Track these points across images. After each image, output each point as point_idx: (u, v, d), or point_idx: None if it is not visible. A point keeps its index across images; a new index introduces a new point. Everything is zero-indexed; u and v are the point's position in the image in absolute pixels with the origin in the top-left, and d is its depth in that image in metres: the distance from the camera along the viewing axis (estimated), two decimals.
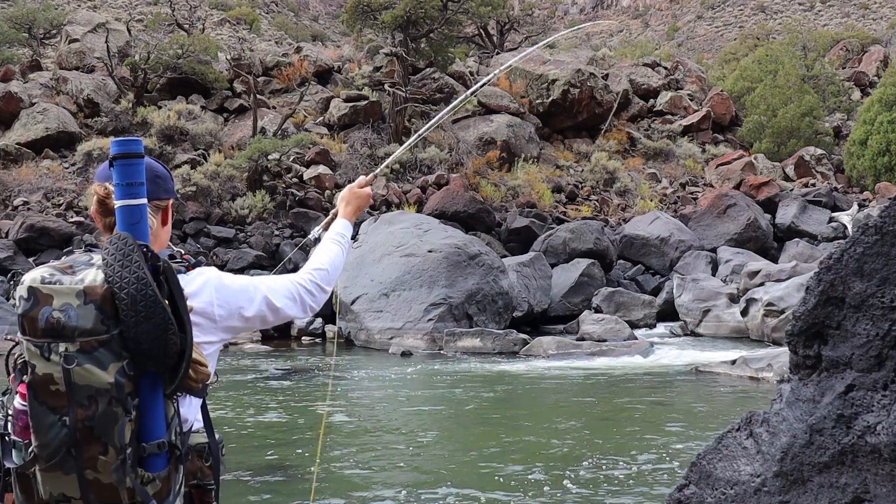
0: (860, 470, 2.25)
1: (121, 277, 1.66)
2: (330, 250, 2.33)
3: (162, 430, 1.73)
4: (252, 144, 23.77)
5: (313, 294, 2.21)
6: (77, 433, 1.64)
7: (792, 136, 31.17)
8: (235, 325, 2.04)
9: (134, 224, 1.79)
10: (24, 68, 29.74)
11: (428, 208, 22.11)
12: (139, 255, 1.69)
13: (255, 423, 9.03)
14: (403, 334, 15.46)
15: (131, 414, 1.67)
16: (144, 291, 1.65)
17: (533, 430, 8.49)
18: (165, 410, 1.74)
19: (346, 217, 2.48)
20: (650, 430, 8.38)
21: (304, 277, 2.22)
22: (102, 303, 1.66)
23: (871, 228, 2.28)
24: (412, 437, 8.44)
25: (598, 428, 8.57)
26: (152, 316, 1.65)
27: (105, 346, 1.65)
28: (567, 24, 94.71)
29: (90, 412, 1.64)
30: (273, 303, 2.10)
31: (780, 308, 14.50)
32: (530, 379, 11.87)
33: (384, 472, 6.99)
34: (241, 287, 2.07)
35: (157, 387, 1.72)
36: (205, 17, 49.21)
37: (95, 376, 1.64)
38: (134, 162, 1.82)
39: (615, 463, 7.04)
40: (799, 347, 2.46)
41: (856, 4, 78.67)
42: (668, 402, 10.18)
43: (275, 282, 2.16)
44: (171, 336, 1.67)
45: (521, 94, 29.57)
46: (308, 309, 2.20)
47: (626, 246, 21.65)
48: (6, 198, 22.54)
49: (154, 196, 2.00)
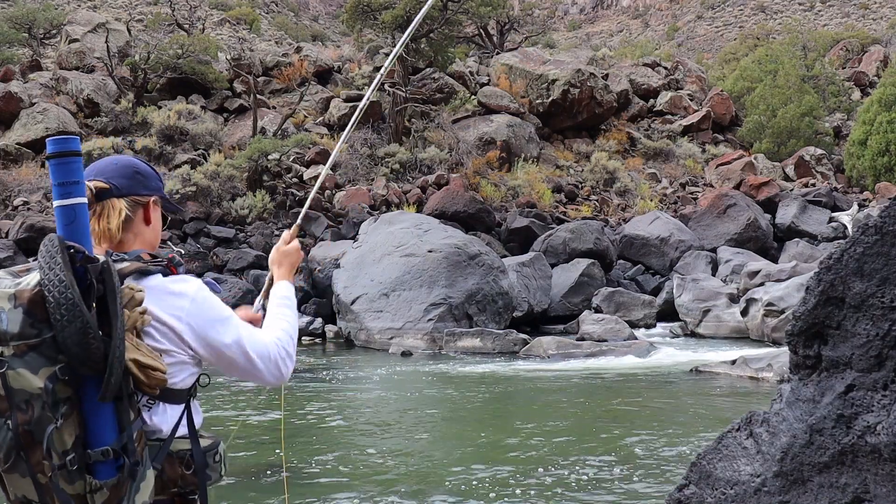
0: (860, 470, 2.25)
1: (48, 280, 1.64)
2: (283, 315, 2.12)
3: (108, 438, 1.69)
4: (252, 144, 23.77)
5: (286, 360, 2.00)
6: (20, 437, 1.62)
7: (792, 136, 31.17)
8: (199, 350, 1.88)
9: (68, 225, 1.73)
10: (24, 68, 29.75)
11: (428, 208, 22.12)
12: (63, 256, 1.66)
13: (255, 423, 9.03)
14: (403, 334, 15.46)
15: (57, 421, 1.63)
16: (64, 294, 1.62)
17: (533, 430, 8.48)
18: (119, 417, 1.70)
19: (285, 278, 2.28)
20: (650, 430, 8.38)
21: (275, 342, 2.01)
22: (30, 306, 1.64)
23: (871, 228, 2.28)
24: (411, 437, 8.44)
25: (598, 428, 8.57)
26: (73, 319, 1.61)
27: (35, 350, 1.63)
28: (567, 25, 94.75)
29: (28, 416, 1.62)
30: (246, 348, 1.91)
31: (780, 308, 14.50)
32: (530, 379, 11.87)
33: (383, 472, 6.98)
34: (220, 315, 1.90)
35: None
36: (205, 17, 49.23)
37: (27, 380, 1.61)
38: (68, 161, 1.75)
39: (615, 463, 7.04)
40: (799, 347, 2.46)
41: (856, 4, 78.68)
42: (668, 402, 10.18)
43: (256, 331, 1.99)
44: (92, 340, 1.63)
45: (521, 94, 29.58)
46: (281, 373, 1.98)
47: (626, 246, 21.65)
48: (6, 198, 22.54)
49: (132, 192, 1.97)
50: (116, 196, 1.95)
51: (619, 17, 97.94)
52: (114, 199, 1.94)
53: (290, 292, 2.21)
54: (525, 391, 11.06)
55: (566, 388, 11.17)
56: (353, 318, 16.23)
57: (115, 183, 1.96)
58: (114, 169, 1.99)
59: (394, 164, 25.59)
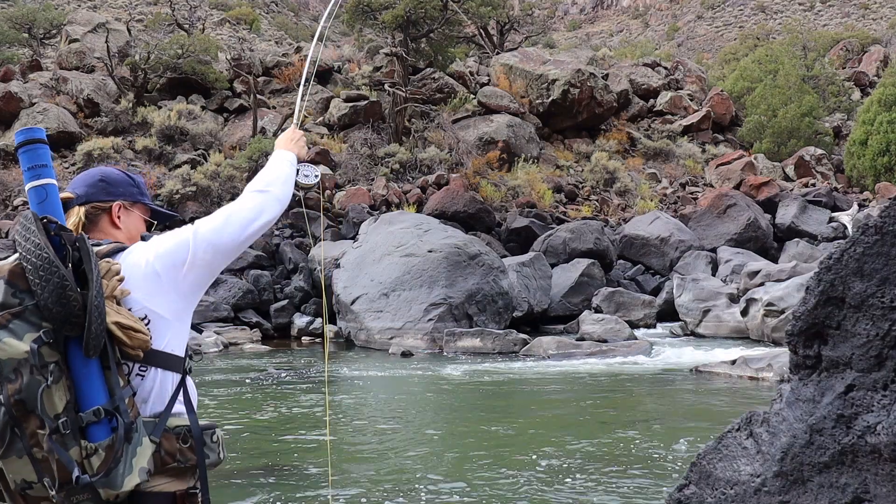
0: (860, 470, 2.25)
1: (25, 250, 1.74)
2: (263, 171, 2.25)
3: (99, 398, 1.74)
4: (252, 144, 23.78)
5: (264, 191, 2.13)
6: (12, 409, 1.67)
7: (792, 136, 31.17)
8: (187, 278, 1.95)
9: (40, 203, 1.85)
10: (24, 68, 29.75)
11: (428, 208, 22.12)
12: (37, 224, 1.77)
13: (254, 423, 9.03)
14: (403, 334, 15.46)
15: (48, 380, 1.68)
16: (40, 255, 1.72)
17: (532, 430, 8.49)
18: (107, 381, 1.76)
19: (284, 147, 2.41)
20: (650, 429, 8.38)
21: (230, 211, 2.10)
22: (11, 277, 1.74)
23: (871, 228, 2.28)
24: (411, 436, 8.44)
25: (598, 428, 8.57)
26: (50, 276, 1.70)
27: (19, 318, 1.71)
28: (567, 25, 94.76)
29: (17, 385, 1.67)
30: (202, 233, 1.99)
31: (780, 308, 14.50)
32: (530, 379, 11.87)
33: (382, 471, 6.98)
34: (178, 238, 1.98)
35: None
36: (205, 17, 49.23)
37: (13, 348, 1.68)
38: (35, 147, 1.89)
39: (615, 462, 7.04)
40: (799, 347, 2.46)
41: (856, 4, 78.67)
42: (668, 402, 10.18)
43: (208, 218, 2.06)
44: (70, 293, 1.70)
45: (521, 94, 29.57)
46: (245, 230, 2.05)
47: (626, 246, 21.65)
48: (6, 198, 22.55)
49: (93, 199, 2.09)
50: (77, 204, 2.07)
51: (619, 17, 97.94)
52: (76, 206, 2.07)
53: (281, 154, 2.34)
54: (525, 391, 11.06)
55: (566, 389, 11.17)
56: (353, 318, 16.23)
57: (78, 192, 2.09)
58: (81, 180, 2.14)
59: (394, 164, 25.59)
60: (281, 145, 2.41)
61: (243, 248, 2.10)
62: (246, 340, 16.41)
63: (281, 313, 18.16)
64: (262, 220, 2.09)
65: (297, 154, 2.40)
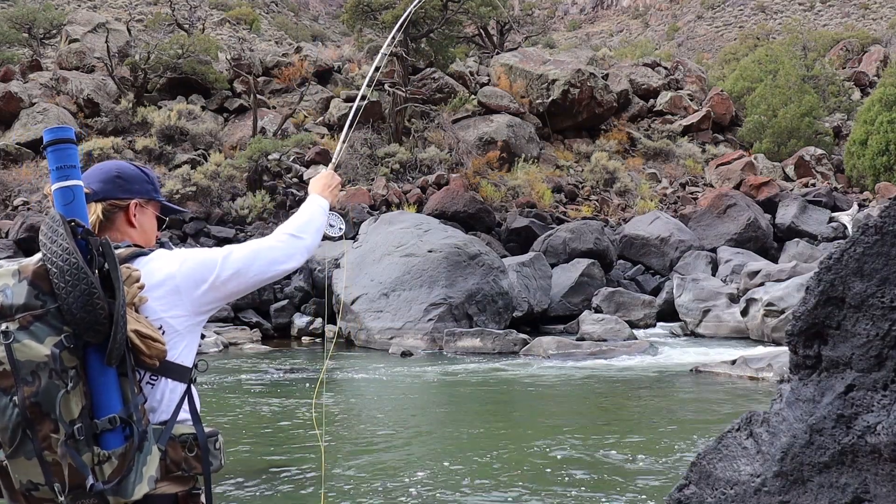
0: (860, 470, 2.25)
1: (51, 252, 1.72)
2: (295, 216, 2.24)
3: (114, 406, 1.73)
4: (252, 144, 23.77)
5: (297, 237, 2.12)
6: (27, 411, 1.65)
7: (792, 136, 31.17)
8: (205, 297, 1.96)
9: (67, 204, 1.82)
10: (24, 68, 29.75)
11: (428, 208, 22.11)
12: (65, 228, 1.74)
13: (253, 423, 9.03)
14: (403, 334, 15.45)
15: (67, 385, 1.67)
16: (68, 259, 1.69)
17: (532, 430, 8.49)
18: (122, 388, 1.75)
19: (317, 192, 2.39)
20: (650, 430, 8.38)
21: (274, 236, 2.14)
22: (34, 278, 1.72)
23: (871, 228, 2.28)
24: (410, 436, 8.44)
25: (598, 428, 8.57)
26: (78, 283, 1.68)
27: (40, 321, 1.69)
28: (567, 25, 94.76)
29: (35, 388, 1.65)
30: (232, 260, 2.00)
31: (780, 308, 14.50)
32: (530, 379, 11.86)
33: (381, 471, 6.98)
34: (206, 257, 2.00)
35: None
36: (205, 17, 49.22)
37: (33, 350, 1.66)
38: (64, 147, 1.86)
39: (614, 463, 7.04)
40: (799, 347, 2.45)
41: (856, 4, 78.66)
42: (668, 402, 10.18)
43: (238, 247, 2.07)
44: (98, 300, 1.69)
45: (522, 94, 29.57)
46: (271, 268, 2.06)
47: (626, 246, 21.65)
48: (6, 198, 22.55)
49: (110, 196, 2.05)
50: (94, 200, 2.02)
51: (619, 17, 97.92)
52: (92, 202, 2.02)
53: (317, 201, 2.31)
54: (525, 391, 11.06)
55: (566, 389, 11.17)
56: (353, 318, 16.23)
57: (94, 188, 2.03)
58: (96, 174, 2.08)
59: (394, 164, 25.59)
60: (317, 189, 2.40)
61: (261, 286, 2.12)
62: (246, 340, 16.40)
63: (281, 313, 18.15)
64: (288, 266, 2.10)
65: (330, 202, 2.39)
